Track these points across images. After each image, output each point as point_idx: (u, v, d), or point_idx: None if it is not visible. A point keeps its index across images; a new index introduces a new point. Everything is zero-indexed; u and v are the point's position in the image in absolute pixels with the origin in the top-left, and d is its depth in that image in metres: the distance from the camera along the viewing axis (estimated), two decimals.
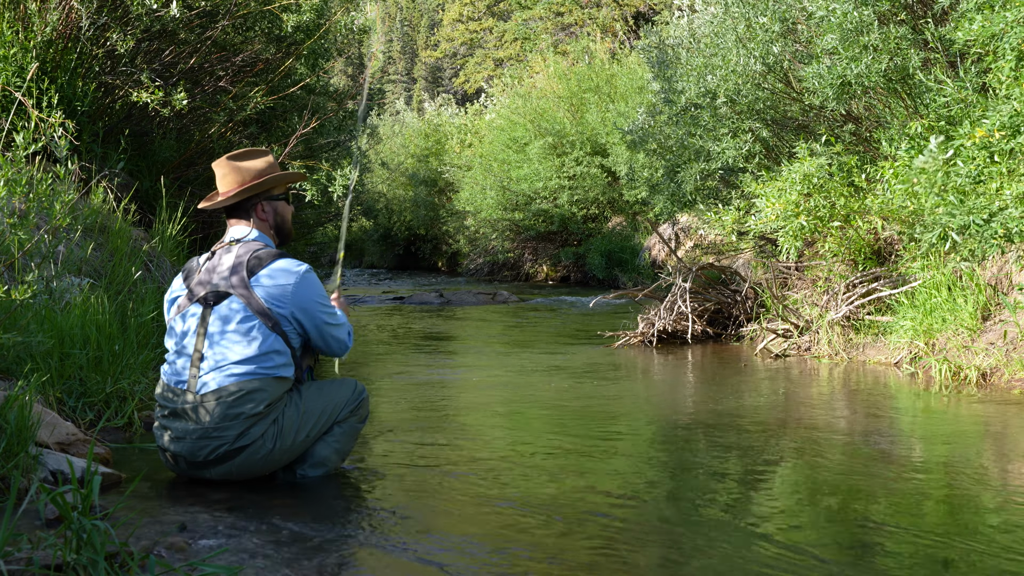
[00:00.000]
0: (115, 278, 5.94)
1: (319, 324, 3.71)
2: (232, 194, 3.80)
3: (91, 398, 4.54)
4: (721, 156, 9.29)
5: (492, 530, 3.19)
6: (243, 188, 3.79)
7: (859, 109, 8.41)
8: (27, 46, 6.93)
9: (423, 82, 75.70)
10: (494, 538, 3.10)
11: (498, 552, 2.97)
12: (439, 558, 2.88)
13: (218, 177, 3.85)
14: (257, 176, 3.83)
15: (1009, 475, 4.10)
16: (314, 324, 3.70)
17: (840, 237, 8.03)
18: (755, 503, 3.61)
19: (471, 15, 46.59)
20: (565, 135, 22.45)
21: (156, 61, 8.52)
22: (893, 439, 4.84)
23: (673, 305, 9.41)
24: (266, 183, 3.84)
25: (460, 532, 3.15)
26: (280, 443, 3.59)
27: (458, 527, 3.21)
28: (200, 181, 9.07)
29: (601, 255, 20.28)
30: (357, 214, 26.34)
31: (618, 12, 34.25)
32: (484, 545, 3.02)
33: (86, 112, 7.34)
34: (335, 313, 3.80)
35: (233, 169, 3.82)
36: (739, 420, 5.34)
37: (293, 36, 9.45)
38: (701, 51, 9.92)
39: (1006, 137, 5.29)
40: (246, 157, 3.87)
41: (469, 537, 3.10)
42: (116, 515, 3.03)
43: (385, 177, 34.75)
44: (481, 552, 2.96)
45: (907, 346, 7.10)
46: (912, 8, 7.55)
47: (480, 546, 3.01)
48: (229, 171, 3.82)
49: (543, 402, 6.06)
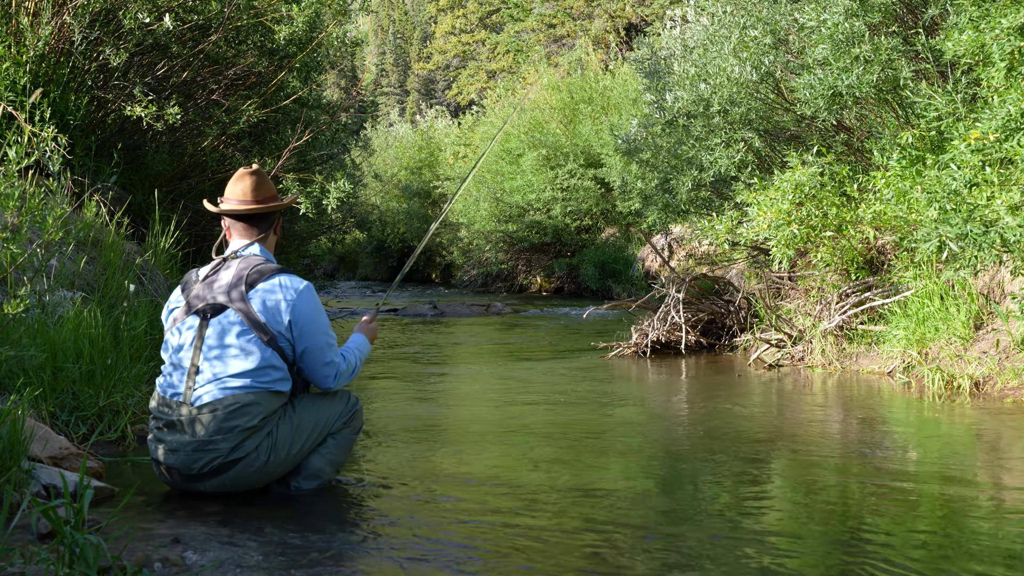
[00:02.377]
0: (108, 292, 5.92)
1: (310, 344, 3.67)
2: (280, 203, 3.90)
3: (84, 412, 4.53)
4: (714, 166, 9.31)
5: (486, 541, 3.19)
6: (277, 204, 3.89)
7: (851, 119, 8.44)
8: (20, 60, 6.93)
9: (416, 94, 75.79)
10: (488, 549, 3.10)
11: (493, 563, 2.96)
12: (434, 569, 2.88)
13: (245, 187, 3.86)
14: (277, 194, 3.94)
15: (1003, 484, 4.11)
16: (305, 343, 3.66)
17: (832, 247, 8.05)
18: (749, 514, 3.61)
19: (463, 27, 46.70)
20: (559, 147, 22.48)
21: (149, 75, 8.52)
22: (887, 448, 4.85)
23: (667, 316, 9.42)
24: (291, 202, 4.02)
25: (455, 543, 3.15)
26: (274, 456, 3.58)
27: (453, 538, 3.21)
28: (193, 194, 9.07)
29: (595, 266, 20.28)
30: (350, 226, 26.30)
31: (610, 24, 34.35)
32: (479, 556, 3.02)
33: (79, 126, 7.34)
34: (331, 337, 3.76)
35: (261, 182, 3.88)
36: (733, 430, 5.35)
37: (286, 49, 9.46)
38: (694, 62, 9.95)
39: (999, 141, 5.31)
40: (264, 175, 3.95)
41: (464, 548, 3.10)
42: (109, 529, 3.02)
43: (378, 189, 34.72)
44: (476, 563, 2.95)
45: (900, 355, 7.11)
46: (903, 19, 7.58)
47: (475, 557, 3.01)
48: (258, 183, 3.87)
49: (537, 413, 6.05)
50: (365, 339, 4.14)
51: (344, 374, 3.80)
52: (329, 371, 3.74)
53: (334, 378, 3.76)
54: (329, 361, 3.73)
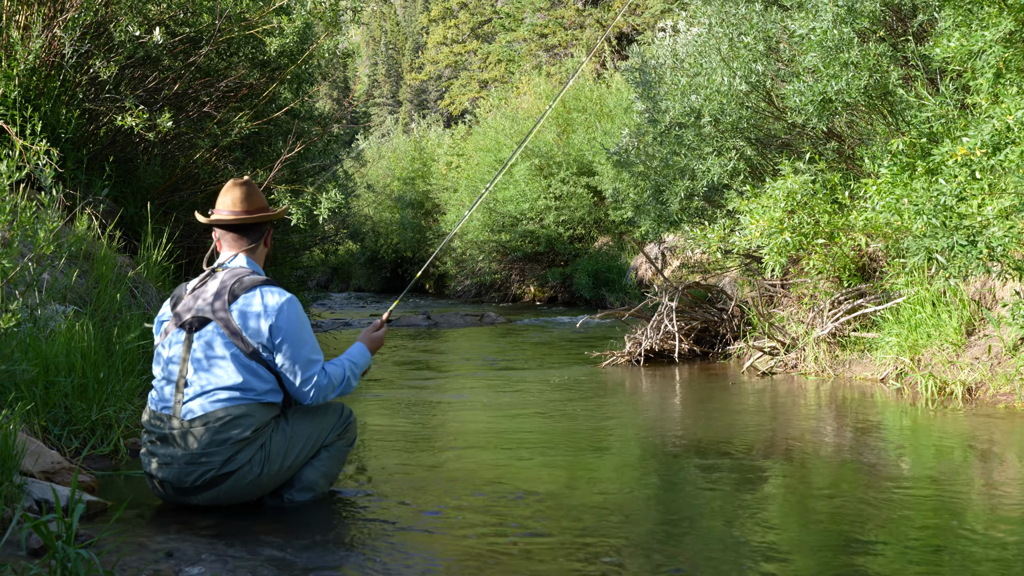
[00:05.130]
0: (100, 305, 5.91)
1: (289, 358, 3.60)
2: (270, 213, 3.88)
3: (76, 426, 4.51)
4: (706, 175, 9.33)
5: (481, 553, 3.18)
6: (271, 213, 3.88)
7: (841, 126, 8.46)
8: (10, 74, 6.92)
9: (408, 105, 75.86)
10: (483, 561, 3.10)
11: (488, 575, 2.96)
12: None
13: (234, 197, 3.84)
14: (268, 205, 3.92)
15: (996, 490, 4.11)
16: (284, 357, 3.60)
17: (824, 254, 8.06)
18: (745, 522, 3.61)
19: (455, 38, 46.79)
20: (552, 156, 22.52)
21: (140, 87, 8.51)
22: (880, 455, 4.86)
23: (660, 324, 9.43)
24: (282, 213, 3.96)
25: (449, 555, 3.14)
26: (267, 468, 3.57)
27: (448, 550, 3.21)
28: (185, 207, 9.05)
29: (588, 275, 20.31)
30: (343, 238, 26.29)
31: (602, 33, 34.42)
32: (474, 568, 3.02)
33: (70, 139, 7.32)
34: (313, 351, 3.67)
35: (251, 193, 3.86)
36: (727, 438, 5.35)
37: (277, 61, 9.45)
38: (685, 71, 9.98)
39: (987, 155, 5.32)
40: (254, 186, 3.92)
41: (459, 560, 3.09)
42: (101, 543, 3.01)
43: (371, 200, 34.73)
44: (470, 575, 2.95)
45: (893, 362, 7.12)
46: (891, 26, 7.61)
47: (469, 569, 3.00)
48: (248, 194, 3.85)
49: (531, 422, 6.05)
50: (365, 349, 4.01)
51: (325, 390, 3.69)
52: (307, 387, 3.64)
53: (313, 394, 3.66)
54: (308, 377, 3.64)
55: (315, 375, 3.66)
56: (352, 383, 3.85)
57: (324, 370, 3.71)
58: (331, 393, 3.73)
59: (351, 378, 3.84)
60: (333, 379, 3.73)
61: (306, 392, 3.66)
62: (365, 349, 4.02)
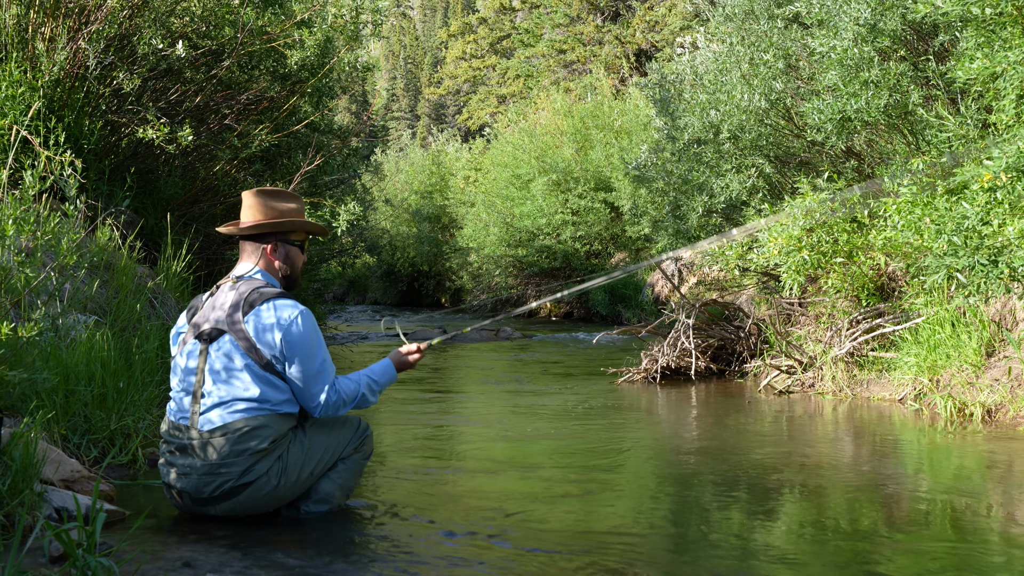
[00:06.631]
0: (120, 315, 5.95)
1: (299, 371, 3.61)
2: (250, 225, 3.83)
3: (96, 435, 4.54)
4: (725, 191, 9.33)
5: (495, 568, 3.18)
6: (262, 223, 3.82)
7: (860, 145, 8.45)
8: (35, 85, 6.99)
9: (427, 119, 76.13)
10: (496, 575, 3.09)
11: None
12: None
13: (244, 207, 3.88)
14: (279, 215, 3.86)
15: (1015, 513, 4.08)
16: (294, 369, 3.61)
17: (843, 273, 8.04)
18: (760, 543, 3.59)
19: (474, 52, 46.90)
20: (569, 171, 22.54)
21: (162, 99, 8.58)
22: (898, 476, 4.83)
23: (676, 341, 9.40)
24: (285, 225, 3.86)
25: (464, 569, 3.14)
26: (285, 479, 3.58)
27: (462, 567, 3.20)
28: (205, 218, 9.10)
29: (604, 291, 20.28)
30: (360, 251, 26.37)
31: (620, 49, 34.49)
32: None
33: (92, 150, 7.39)
34: (324, 364, 3.68)
35: (260, 203, 3.85)
36: (744, 458, 5.33)
37: (298, 74, 9.51)
38: (704, 87, 9.99)
39: (1013, 180, 5.29)
40: (276, 196, 3.90)
41: (473, 574, 3.09)
42: (121, 552, 3.02)
43: (389, 214, 34.84)
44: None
45: (911, 382, 7.08)
46: (912, 45, 7.60)
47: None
48: (255, 204, 3.86)
49: (547, 439, 6.04)
50: (391, 366, 3.98)
51: (335, 405, 3.68)
52: (313, 403, 3.66)
53: (321, 409, 3.66)
54: (317, 391, 3.64)
55: (324, 390, 3.66)
56: (369, 399, 3.84)
57: (334, 386, 3.70)
58: (342, 408, 3.73)
59: (367, 394, 3.83)
60: (344, 395, 3.72)
61: (314, 407, 3.67)
62: (391, 366, 3.99)
